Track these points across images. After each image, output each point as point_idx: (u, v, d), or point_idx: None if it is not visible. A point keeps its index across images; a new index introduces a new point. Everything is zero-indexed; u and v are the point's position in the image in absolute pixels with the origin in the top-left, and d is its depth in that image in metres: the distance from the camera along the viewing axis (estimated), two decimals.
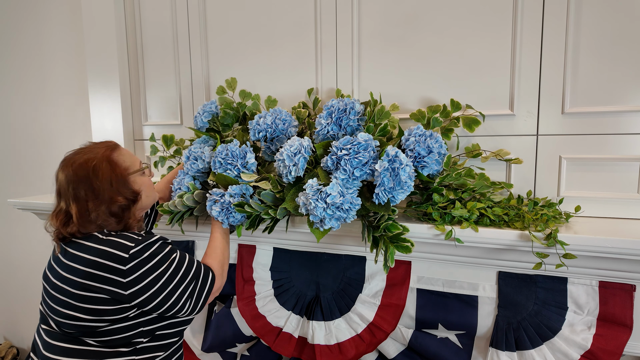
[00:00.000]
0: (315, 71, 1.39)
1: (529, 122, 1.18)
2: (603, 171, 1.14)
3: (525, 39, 1.15)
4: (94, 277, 0.90)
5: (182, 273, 0.97)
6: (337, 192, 0.97)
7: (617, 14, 1.08)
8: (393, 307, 1.23)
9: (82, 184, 0.95)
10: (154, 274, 0.93)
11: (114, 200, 0.96)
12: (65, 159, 1.00)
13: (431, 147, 1.04)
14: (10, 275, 2.48)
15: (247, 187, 1.13)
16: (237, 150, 1.15)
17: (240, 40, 1.49)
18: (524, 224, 1.03)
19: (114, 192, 0.96)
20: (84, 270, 0.91)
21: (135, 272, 0.91)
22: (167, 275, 0.94)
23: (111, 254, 0.91)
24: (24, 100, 2.16)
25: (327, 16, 1.35)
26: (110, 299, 0.91)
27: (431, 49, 1.24)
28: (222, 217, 1.12)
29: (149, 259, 0.93)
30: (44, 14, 2.00)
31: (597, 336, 1.04)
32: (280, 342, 1.34)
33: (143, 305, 0.93)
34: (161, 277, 0.93)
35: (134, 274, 0.91)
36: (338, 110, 1.12)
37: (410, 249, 0.98)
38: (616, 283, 1.03)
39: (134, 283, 0.91)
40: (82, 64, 1.92)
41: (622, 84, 1.09)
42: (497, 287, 1.14)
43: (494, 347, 1.12)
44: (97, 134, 1.74)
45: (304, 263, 1.34)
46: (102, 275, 0.90)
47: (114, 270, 0.90)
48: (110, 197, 0.96)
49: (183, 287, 0.97)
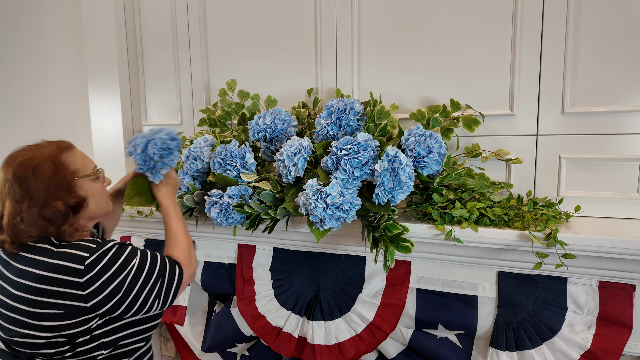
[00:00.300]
0: (315, 71, 1.39)
1: (529, 122, 1.18)
2: (603, 171, 1.14)
3: (525, 39, 1.15)
4: (48, 293, 0.84)
5: (146, 274, 0.91)
6: (337, 192, 0.97)
7: (617, 13, 1.08)
8: (393, 307, 1.23)
9: (19, 184, 0.86)
10: (116, 282, 0.86)
11: (48, 204, 0.86)
12: (10, 154, 0.92)
13: (431, 147, 1.04)
14: None
15: (246, 187, 1.13)
16: (236, 150, 1.15)
17: (240, 40, 1.49)
18: (524, 224, 1.03)
19: (50, 195, 0.87)
20: (36, 287, 0.84)
21: (94, 283, 0.84)
22: (130, 280, 0.88)
23: (65, 268, 0.84)
24: (24, 100, 2.16)
25: (327, 16, 1.35)
26: (68, 312, 0.85)
27: (431, 49, 1.24)
28: (221, 218, 1.12)
29: (108, 267, 0.86)
30: (44, 14, 2.00)
31: (596, 336, 1.04)
32: (280, 342, 1.34)
33: (109, 313, 0.88)
34: (124, 282, 0.87)
35: (93, 284, 0.84)
36: (338, 110, 1.12)
37: (410, 249, 0.98)
38: (616, 283, 1.03)
39: (95, 294, 0.85)
40: (82, 64, 1.92)
41: (622, 84, 1.09)
42: (497, 287, 1.14)
43: (493, 347, 1.12)
44: (97, 133, 1.74)
45: (304, 263, 1.34)
46: (58, 291, 0.84)
47: (71, 284, 0.84)
48: (44, 201, 0.86)
49: (149, 288, 0.91)
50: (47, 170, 0.88)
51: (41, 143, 0.96)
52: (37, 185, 0.86)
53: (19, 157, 0.89)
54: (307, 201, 0.99)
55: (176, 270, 0.97)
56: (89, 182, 0.96)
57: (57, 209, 0.87)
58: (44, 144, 0.95)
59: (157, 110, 1.69)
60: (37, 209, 0.86)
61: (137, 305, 0.90)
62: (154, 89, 1.67)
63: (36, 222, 0.86)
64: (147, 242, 1.57)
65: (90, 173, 0.97)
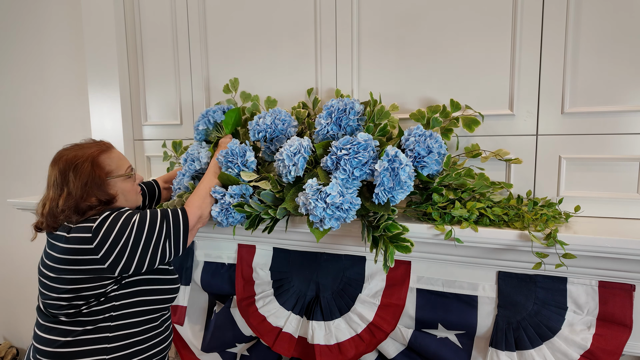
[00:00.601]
0: (314, 71, 1.39)
1: (529, 122, 1.18)
2: (603, 171, 1.14)
3: (524, 38, 1.15)
4: (71, 261, 0.99)
5: (149, 224, 1.02)
6: (337, 192, 0.97)
7: (616, 13, 1.08)
8: (393, 307, 1.23)
9: (62, 179, 1.03)
10: (122, 239, 0.99)
11: (84, 198, 1.02)
12: (58, 152, 1.08)
13: (431, 147, 1.04)
14: (10, 275, 2.48)
15: (247, 187, 1.13)
16: (237, 148, 1.15)
17: (240, 40, 1.49)
18: (524, 224, 1.03)
19: (87, 191, 1.03)
20: (61, 257, 1.00)
21: (104, 245, 0.98)
22: (135, 233, 1.00)
23: (78, 238, 0.99)
24: (24, 100, 2.16)
25: (327, 16, 1.35)
26: (89, 276, 1.00)
27: (431, 49, 1.24)
28: (222, 217, 1.13)
29: (111, 228, 0.99)
30: (44, 14, 2.00)
31: (596, 336, 1.04)
32: (280, 342, 1.34)
33: (125, 270, 1.00)
34: (129, 238, 0.99)
35: (103, 247, 0.98)
36: (338, 110, 1.12)
37: (410, 248, 0.98)
38: (616, 283, 1.03)
39: (108, 254, 0.98)
40: (82, 64, 1.92)
41: (622, 84, 1.09)
42: (497, 287, 1.14)
43: (493, 347, 1.12)
44: (96, 133, 1.74)
45: (304, 263, 1.34)
46: (78, 259, 0.99)
47: (86, 251, 0.98)
48: (81, 196, 1.02)
49: (156, 236, 1.02)
50: (86, 170, 1.03)
51: (86, 143, 1.12)
52: (76, 182, 1.02)
53: (65, 155, 1.06)
54: (307, 201, 0.99)
55: (179, 214, 1.07)
56: (120, 181, 1.10)
57: (91, 204, 1.03)
58: (88, 145, 1.10)
59: (157, 110, 1.69)
60: (74, 201, 1.02)
61: (150, 255, 1.02)
62: (154, 89, 1.67)
63: (71, 212, 1.01)
64: None
65: (122, 174, 1.11)
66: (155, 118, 1.70)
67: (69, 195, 1.02)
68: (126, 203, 1.12)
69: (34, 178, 2.22)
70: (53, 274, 1.01)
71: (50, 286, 1.02)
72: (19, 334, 2.55)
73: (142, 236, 1.01)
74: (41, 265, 1.06)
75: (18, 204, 1.63)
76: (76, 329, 1.03)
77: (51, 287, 1.02)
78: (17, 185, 2.30)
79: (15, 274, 2.45)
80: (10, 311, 2.54)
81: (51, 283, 1.02)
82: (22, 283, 2.44)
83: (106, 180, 1.06)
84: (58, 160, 1.05)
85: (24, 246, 2.36)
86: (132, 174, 1.14)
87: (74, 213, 1.01)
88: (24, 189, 2.27)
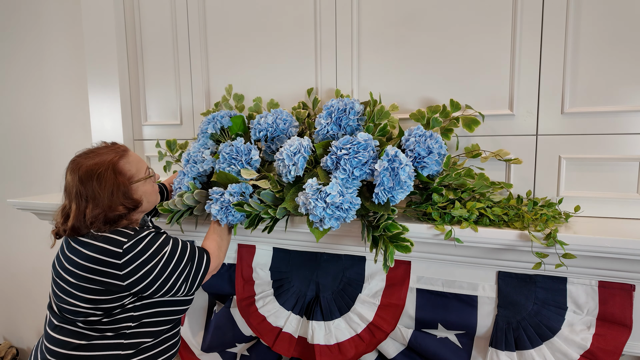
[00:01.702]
0: (314, 71, 1.39)
1: (529, 122, 1.18)
2: (602, 171, 1.14)
3: (524, 38, 1.15)
4: (92, 270, 0.97)
5: (176, 260, 1.03)
6: (337, 192, 0.97)
7: (616, 13, 1.08)
8: (393, 307, 1.23)
9: (85, 189, 1.00)
10: (149, 265, 0.98)
11: (112, 208, 1.01)
12: (74, 160, 1.05)
13: (431, 148, 1.04)
14: (10, 275, 2.48)
15: (247, 186, 1.13)
16: (242, 146, 1.16)
17: (240, 41, 1.49)
18: (524, 224, 1.03)
19: (114, 201, 1.01)
20: (83, 264, 0.98)
21: (130, 265, 0.97)
22: (162, 264, 1.00)
23: (106, 250, 0.97)
24: (24, 100, 2.16)
25: (327, 16, 1.35)
26: (107, 290, 0.98)
27: (431, 49, 1.25)
28: (221, 215, 1.13)
29: (142, 252, 0.98)
30: (44, 15, 2.00)
31: (596, 336, 1.04)
32: (280, 342, 1.34)
33: (142, 292, 1.00)
34: (156, 266, 0.99)
35: (129, 266, 0.97)
36: (338, 110, 1.12)
37: (410, 248, 0.98)
38: (616, 283, 1.03)
39: (130, 275, 0.97)
40: (82, 64, 1.92)
41: (622, 84, 1.09)
42: (497, 287, 1.14)
43: (493, 347, 1.12)
44: (96, 134, 1.74)
45: (304, 263, 1.34)
46: (100, 269, 0.97)
47: (111, 265, 0.97)
48: (109, 206, 1.01)
49: (178, 272, 1.03)
50: (110, 178, 1.01)
51: (101, 148, 1.08)
52: (101, 192, 1.00)
53: (83, 164, 1.02)
54: (306, 201, 0.99)
55: (204, 258, 1.09)
56: (142, 185, 1.09)
57: (119, 213, 1.02)
58: (103, 150, 1.07)
59: (156, 110, 1.69)
60: (101, 211, 1.00)
61: (167, 287, 1.02)
62: (154, 89, 1.67)
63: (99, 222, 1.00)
64: None
65: (144, 177, 1.10)
66: (155, 118, 1.70)
67: (96, 206, 1.00)
68: (148, 205, 1.12)
69: (34, 178, 2.22)
70: (74, 280, 0.99)
71: (69, 291, 1.00)
72: (19, 334, 2.55)
73: (166, 270, 1.01)
74: (59, 267, 1.03)
75: (18, 204, 1.63)
76: (93, 334, 1.02)
77: (70, 292, 1.00)
78: (16, 185, 2.30)
79: (16, 274, 2.45)
80: (10, 311, 2.54)
81: (70, 288, 1.00)
82: (22, 283, 2.44)
83: (130, 186, 1.05)
84: (77, 169, 1.02)
85: (24, 246, 2.36)
86: (152, 174, 1.13)
87: (103, 224, 1.00)
88: (23, 189, 2.28)
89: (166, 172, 1.60)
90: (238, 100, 1.43)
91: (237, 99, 1.44)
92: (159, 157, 1.59)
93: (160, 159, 1.59)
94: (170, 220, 1.27)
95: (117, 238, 0.99)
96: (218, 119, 1.30)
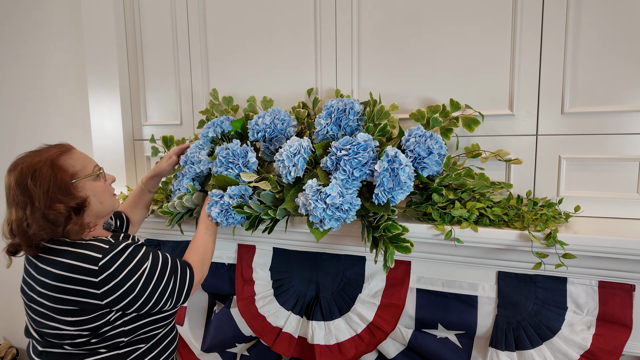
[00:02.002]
0: (314, 71, 1.39)
1: (529, 122, 1.18)
2: (602, 171, 1.14)
3: (524, 38, 1.15)
4: (65, 290, 0.88)
5: (158, 275, 0.95)
6: (337, 193, 0.97)
7: (616, 13, 1.08)
8: (393, 307, 1.23)
9: (20, 190, 0.90)
10: (129, 283, 0.90)
11: (50, 207, 0.89)
12: (13, 162, 0.95)
13: (431, 148, 1.04)
14: (11, 275, 2.48)
15: (247, 187, 1.13)
16: (238, 149, 1.15)
17: (239, 40, 1.49)
18: (524, 224, 1.03)
19: (51, 199, 0.90)
20: (55, 285, 0.89)
21: (108, 283, 0.88)
22: (143, 281, 0.92)
23: (80, 268, 0.88)
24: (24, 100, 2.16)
25: (327, 16, 1.35)
26: (82, 309, 0.90)
27: (431, 49, 1.24)
28: (222, 218, 1.12)
29: (121, 269, 0.90)
30: (44, 14, 2.00)
31: (596, 336, 1.04)
32: (280, 342, 1.34)
33: (123, 310, 0.93)
34: (137, 283, 0.91)
35: (107, 284, 0.88)
36: (337, 110, 1.12)
37: (410, 249, 0.98)
38: (616, 283, 1.03)
39: (109, 293, 0.89)
40: (82, 64, 1.92)
41: (622, 84, 1.09)
42: (497, 287, 1.14)
43: (493, 347, 1.12)
44: (96, 134, 1.74)
45: (304, 263, 1.34)
46: (74, 289, 0.88)
47: (86, 283, 0.88)
48: (45, 204, 0.89)
49: (161, 288, 0.95)
50: (46, 175, 0.90)
51: (42, 148, 0.98)
52: (37, 190, 0.89)
53: (20, 163, 0.92)
54: (306, 201, 0.99)
55: (187, 272, 1.02)
56: (90, 182, 0.98)
57: (59, 212, 0.90)
58: (45, 149, 0.97)
59: (156, 110, 1.68)
60: (40, 213, 0.89)
61: (151, 304, 0.95)
62: (154, 90, 1.67)
63: (42, 225, 0.89)
64: (147, 242, 1.57)
65: (90, 173, 0.99)
66: (155, 118, 1.70)
67: (33, 207, 0.89)
68: (101, 206, 1.00)
69: None
70: (50, 303, 0.90)
71: (48, 315, 0.91)
72: (19, 334, 2.55)
73: (148, 287, 0.93)
74: (30, 291, 0.94)
75: None
76: (85, 353, 0.94)
77: (49, 316, 0.91)
78: None
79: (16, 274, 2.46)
80: (11, 311, 2.54)
81: (49, 312, 0.91)
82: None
83: (72, 183, 0.94)
84: (13, 170, 0.92)
85: None
86: (100, 172, 1.02)
87: (45, 226, 0.89)
88: None
89: None
90: (228, 102, 1.43)
91: (227, 102, 1.44)
92: (153, 152, 1.58)
93: (154, 154, 1.58)
94: (170, 222, 1.27)
95: (90, 254, 0.89)
96: (218, 123, 1.29)
